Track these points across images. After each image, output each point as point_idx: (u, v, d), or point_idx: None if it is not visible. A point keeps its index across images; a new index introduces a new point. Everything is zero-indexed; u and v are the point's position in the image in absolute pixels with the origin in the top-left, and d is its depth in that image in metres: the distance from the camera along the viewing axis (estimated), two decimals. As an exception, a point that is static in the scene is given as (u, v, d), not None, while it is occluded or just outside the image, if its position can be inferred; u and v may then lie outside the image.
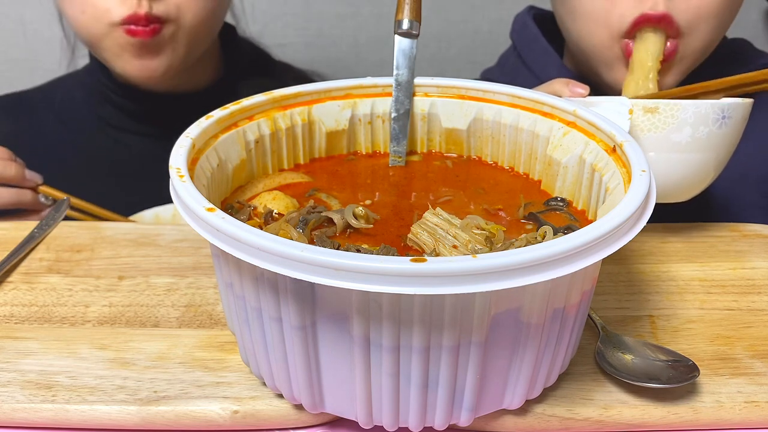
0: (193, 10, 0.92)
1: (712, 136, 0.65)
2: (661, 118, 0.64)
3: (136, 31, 0.88)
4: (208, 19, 0.96)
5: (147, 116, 1.03)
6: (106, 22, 0.88)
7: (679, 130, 0.65)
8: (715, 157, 0.67)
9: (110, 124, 1.04)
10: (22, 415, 0.53)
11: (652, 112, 0.64)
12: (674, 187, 0.69)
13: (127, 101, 1.02)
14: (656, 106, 0.64)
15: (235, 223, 0.42)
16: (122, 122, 1.04)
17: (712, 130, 0.65)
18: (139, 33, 0.88)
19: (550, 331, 0.47)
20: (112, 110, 1.04)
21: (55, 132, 1.04)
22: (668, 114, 0.64)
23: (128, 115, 1.04)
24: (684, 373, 0.52)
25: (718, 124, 0.65)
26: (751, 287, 0.67)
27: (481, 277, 0.39)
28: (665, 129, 0.64)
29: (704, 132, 0.65)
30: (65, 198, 0.83)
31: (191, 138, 0.54)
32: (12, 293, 0.66)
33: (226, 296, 0.53)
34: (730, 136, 0.67)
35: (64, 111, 1.06)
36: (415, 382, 0.45)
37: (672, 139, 0.65)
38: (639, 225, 0.45)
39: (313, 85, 0.65)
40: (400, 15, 0.67)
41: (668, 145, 0.65)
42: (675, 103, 0.64)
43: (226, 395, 0.53)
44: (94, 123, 1.05)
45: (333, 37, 1.58)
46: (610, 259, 0.45)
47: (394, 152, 0.66)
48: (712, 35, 0.83)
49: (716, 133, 0.65)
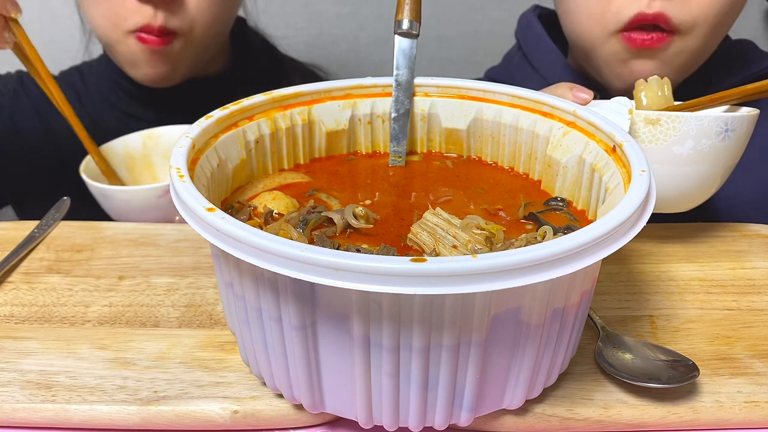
0: (204, 25, 0.94)
1: (715, 149, 0.64)
2: (662, 130, 0.63)
3: (147, 40, 0.91)
4: (218, 31, 0.99)
5: (156, 103, 1.06)
6: (122, 29, 0.91)
7: (680, 142, 0.64)
8: (716, 170, 0.66)
9: (120, 109, 1.07)
10: (22, 415, 0.53)
11: (653, 124, 0.63)
12: (675, 198, 0.68)
13: (136, 88, 1.04)
14: (658, 117, 0.63)
15: (235, 223, 0.42)
16: (131, 108, 1.07)
17: (715, 143, 0.64)
18: (149, 42, 0.91)
19: (550, 331, 0.47)
20: (122, 96, 1.07)
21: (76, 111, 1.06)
22: (670, 126, 0.63)
23: (137, 102, 1.06)
24: (684, 373, 0.52)
25: (721, 137, 0.64)
26: (751, 287, 0.67)
27: (481, 277, 0.39)
28: (667, 141, 0.64)
29: (706, 145, 0.64)
30: (65, 198, 0.83)
31: (191, 138, 0.54)
32: (12, 293, 0.66)
33: (226, 296, 0.53)
34: (733, 149, 0.65)
35: (81, 94, 1.09)
36: (415, 382, 0.45)
37: (673, 152, 0.64)
38: (639, 225, 0.45)
39: (313, 85, 0.65)
40: (400, 15, 0.67)
41: (670, 158, 0.65)
42: (677, 115, 0.63)
43: (226, 395, 0.53)
44: (105, 108, 1.07)
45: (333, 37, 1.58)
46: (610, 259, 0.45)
47: (394, 152, 0.66)
48: (711, 36, 0.83)
49: (719, 146, 0.64)
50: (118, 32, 0.92)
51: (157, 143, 0.94)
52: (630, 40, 0.82)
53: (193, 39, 0.94)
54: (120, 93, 1.07)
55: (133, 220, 0.81)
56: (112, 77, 1.06)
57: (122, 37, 0.92)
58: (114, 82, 1.06)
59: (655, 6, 0.79)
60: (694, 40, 0.82)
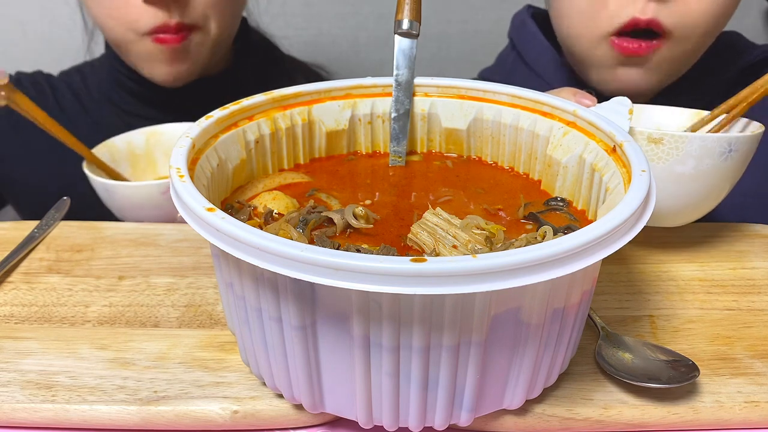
0: (218, 18, 0.94)
1: (717, 169, 0.64)
2: (665, 150, 0.63)
3: (166, 39, 0.90)
4: (231, 25, 1.00)
5: (158, 102, 1.06)
6: (134, 31, 0.91)
7: (682, 162, 0.63)
8: (717, 188, 0.66)
9: (122, 109, 1.07)
10: (22, 415, 0.53)
11: (656, 143, 0.63)
12: (674, 214, 0.68)
13: (140, 87, 1.05)
14: (661, 137, 0.63)
15: (235, 223, 0.42)
16: (133, 107, 1.07)
17: (717, 163, 0.63)
18: (168, 41, 0.91)
19: (550, 331, 0.47)
20: (125, 95, 1.07)
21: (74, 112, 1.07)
22: (673, 146, 0.63)
23: (139, 100, 1.06)
24: (684, 373, 0.52)
25: (724, 157, 0.63)
26: (751, 287, 0.67)
27: (481, 277, 0.39)
28: (669, 160, 0.63)
29: (708, 164, 0.63)
30: (65, 198, 0.83)
31: (191, 138, 0.54)
32: (12, 293, 0.66)
33: (226, 296, 0.53)
34: (734, 169, 0.65)
35: (81, 95, 1.09)
36: (415, 382, 0.45)
37: (675, 170, 0.64)
38: (639, 225, 0.45)
39: (313, 85, 0.65)
40: (400, 15, 0.67)
41: (671, 176, 0.64)
42: (681, 135, 0.62)
43: (226, 395, 0.53)
44: (107, 107, 1.07)
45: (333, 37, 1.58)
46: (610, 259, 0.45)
47: (394, 152, 0.66)
48: (702, 40, 0.84)
49: (721, 166, 0.64)
50: (130, 34, 0.92)
51: (160, 140, 0.95)
52: (619, 46, 0.82)
53: (209, 32, 0.94)
54: (122, 92, 1.07)
55: (135, 217, 0.81)
56: (115, 76, 1.06)
57: (136, 38, 0.92)
58: (116, 81, 1.06)
59: (649, 11, 0.80)
60: (684, 46, 0.83)
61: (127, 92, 1.06)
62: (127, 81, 1.05)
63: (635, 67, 0.84)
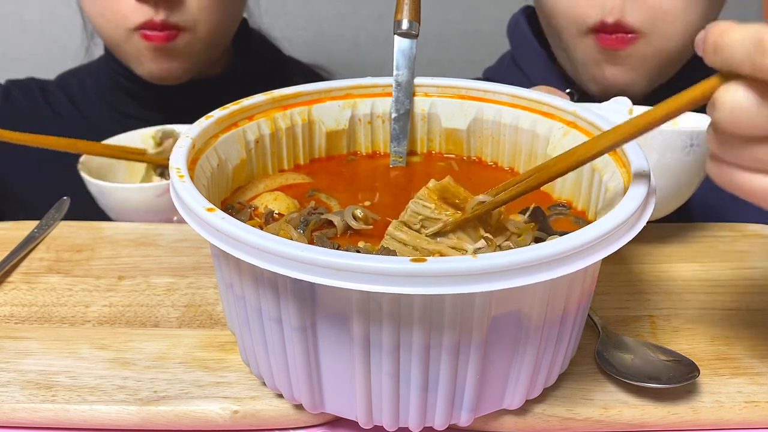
0: (208, 22, 0.94)
1: (680, 163, 0.64)
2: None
3: (152, 36, 0.90)
4: (224, 29, 0.99)
5: (156, 104, 1.05)
6: (124, 27, 0.91)
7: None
8: (682, 184, 0.66)
9: (120, 111, 1.07)
10: (22, 415, 0.53)
11: None
12: None
13: (138, 89, 1.04)
14: None
15: (235, 224, 0.42)
16: (132, 109, 1.06)
17: (680, 157, 0.64)
18: (154, 38, 0.90)
19: (550, 331, 0.47)
20: (123, 98, 1.06)
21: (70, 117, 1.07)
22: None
23: (138, 103, 1.06)
24: (684, 373, 0.52)
25: (686, 151, 0.63)
26: (751, 287, 0.67)
27: (481, 277, 0.39)
28: None
29: (670, 158, 0.63)
30: (65, 198, 0.83)
31: (191, 138, 0.54)
32: (12, 293, 0.66)
33: (226, 296, 0.53)
34: (698, 163, 0.65)
35: (78, 98, 1.08)
36: (415, 383, 0.45)
37: None
38: (639, 225, 0.45)
39: (313, 85, 0.65)
40: (400, 15, 0.67)
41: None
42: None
43: (226, 395, 0.53)
44: (105, 110, 1.07)
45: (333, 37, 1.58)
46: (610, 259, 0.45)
47: (395, 152, 0.66)
48: (679, 36, 0.83)
49: (684, 161, 0.64)
50: (120, 30, 0.92)
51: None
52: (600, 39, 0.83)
53: (198, 35, 0.94)
54: (120, 94, 1.06)
55: (130, 219, 0.81)
56: (113, 78, 1.06)
57: (126, 35, 0.92)
58: (114, 83, 1.06)
59: (615, 13, 0.80)
60: (660, 42, 0.83)
61: (125, 94, 1.06)
62: (126, 83, 1.04)
63: (619, 65, 0.85)
